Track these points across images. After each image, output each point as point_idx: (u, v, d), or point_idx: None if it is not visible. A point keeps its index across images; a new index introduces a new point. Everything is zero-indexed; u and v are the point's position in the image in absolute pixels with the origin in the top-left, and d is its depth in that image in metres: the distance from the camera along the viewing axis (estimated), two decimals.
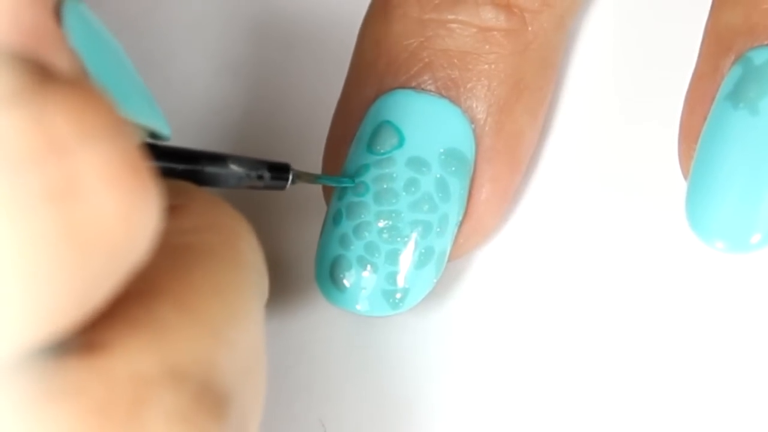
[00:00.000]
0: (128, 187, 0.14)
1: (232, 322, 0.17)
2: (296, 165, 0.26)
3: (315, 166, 0.25)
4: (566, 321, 0.25)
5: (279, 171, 0.22)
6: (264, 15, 0.28)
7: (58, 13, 0.17)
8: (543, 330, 0.25)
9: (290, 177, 0.22)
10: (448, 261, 0.24)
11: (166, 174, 0.20)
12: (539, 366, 0.25)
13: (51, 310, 0.14)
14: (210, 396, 0.16)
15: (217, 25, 0.29)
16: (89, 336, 0.15)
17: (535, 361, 0.25)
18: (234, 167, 0.21)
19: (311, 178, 0.23)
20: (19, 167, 0.13)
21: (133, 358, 0.15)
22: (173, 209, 0.18)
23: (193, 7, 0.29)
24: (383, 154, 0.24)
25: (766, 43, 0.22)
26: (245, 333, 0.18)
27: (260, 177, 0.22)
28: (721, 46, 0.23)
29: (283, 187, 0.22)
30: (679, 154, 0.24)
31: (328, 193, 0.25)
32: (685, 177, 0.23)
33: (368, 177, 0.24)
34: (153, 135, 0.20)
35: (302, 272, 0.25)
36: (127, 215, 0.14)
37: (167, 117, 0.26)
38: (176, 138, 0.27)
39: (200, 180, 0.21)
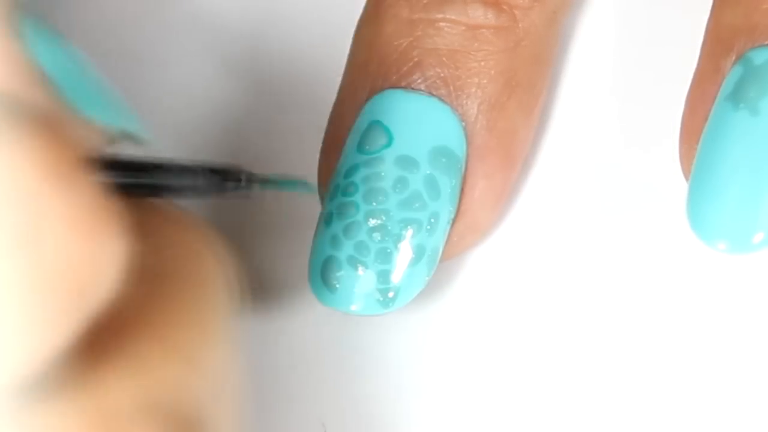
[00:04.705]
0: (93, 229, 0.14)
1: (203, 347, 0.17)
2: (294, 165, 0.26)
3: (312, 166, 0.25)
4: (564, 319, 0.25)
5: (226, 175, 0.20)
6: (263, 16, 0.28)
7: (14, 29, 0.17)
8: (542, 330, 0.25)
9: (242, 181, 0.21)
10: (444, 260, 0.24)
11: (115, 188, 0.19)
12: (540, 367, 0.25)
13: (17, 354, 0.14)
14: (184, 427, 0.16)
15: (217, 25, 0.29)
16: (63, 373, 0.15)
17: (535, 361, 0.25)
18: (169, 176, 0.19)
19: (270, 182, 0.21)
20: None
21: (107, 392, 0.16)
22: (141, 230, 0.18)
23: (193, 7, 0.29)
24: (372, 153, 0.24)
25: (766, 43, 0.22)
26: (215, 355, 0.18)
27: (208, 185, 0.20)
28: (722, 46, 0.23)
29: (237, 193, 0.21)
30: (680, 155, 0.24)
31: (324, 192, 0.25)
32: (686, 177, 0.23)
33: (357, 177, 0.24)
34: (134, 141, 0.19)
35: (302, 272, 0.25)
36: (92, 257, 0.14)
37: (166, 117, 0.26)
38: (175, 138, 0.28)
39: (147, 191, 0.19)
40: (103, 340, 0.16)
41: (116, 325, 0.16)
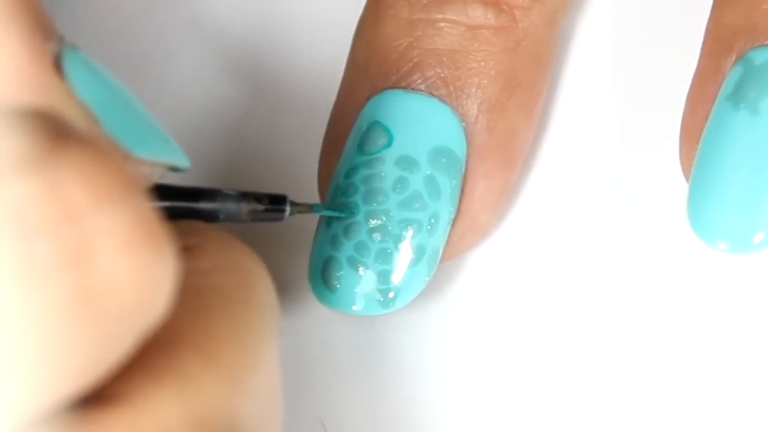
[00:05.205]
0: (142, 250, 0.14)
1: (251, 368, 0.17)
2: (294, 166, 0.26)
3: (312, 166, 0.25)
4: (564, 320, 0.25)
5: (276, 203, 0.22)
6: (263, 17, 0.28)
7: (58, 66, 0.17)
8: (542, 330, 0.25)
9: (287, 208, 0.22)
10: (444, 260, 0.24)
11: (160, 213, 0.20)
12: (540, 367, 0.25)
13: (66, 374, 0.14)
14: None
15: (217, 25, 0.29)
16: (112, 388, 0.15)
17: (535, 361, 0.25)
18: (230, 202, 0.21)
19: (307, 208, 0.23)
20: (32, 235, 0.13)
21: (157, 409, 0.16)
22: (188, 249, 0.18)
23: (192, 7, 0.29)
24: (372, 154, 0.24)
25: (766, 43, 0.22)
26: (263, 376, 0.18)
27: (257, 210, 0.21)
28: (722, 46, 0.23)
29: (280, 219, 0.22)
30: (681, 155, 0.24)
31: (324, 193, 0.25)
32: (687, 178, 0.23)
33: (357, 177, 0.24)
34: (171, 168, 0.20)
35: (302, 272, 0.25)
36: (142, 278, 0.14)
37: (166, 118, 0.26)
38: (175, 139, 0.27)
39: (195, 217, 0.21)
40: (153, 357, 0.16)
41: (166, 343, 0.16)
